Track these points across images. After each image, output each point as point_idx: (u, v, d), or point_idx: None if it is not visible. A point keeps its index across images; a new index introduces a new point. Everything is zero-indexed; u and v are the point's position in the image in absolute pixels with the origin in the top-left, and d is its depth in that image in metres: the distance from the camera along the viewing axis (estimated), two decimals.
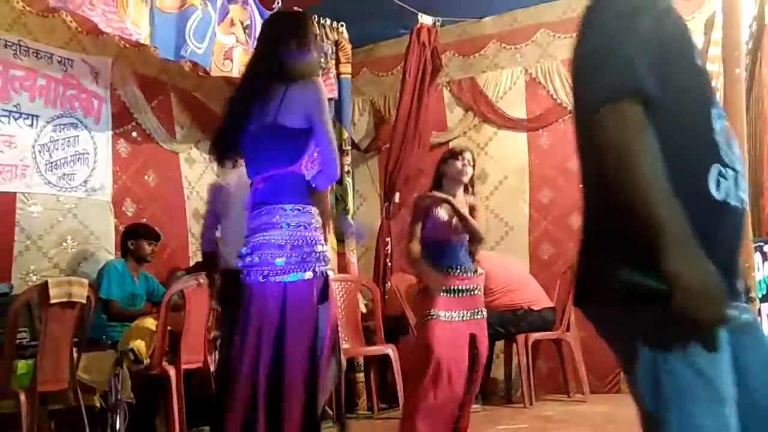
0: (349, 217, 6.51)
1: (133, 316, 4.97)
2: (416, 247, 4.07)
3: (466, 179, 4.28)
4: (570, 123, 6.30)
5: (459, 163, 4.26)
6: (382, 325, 5.82)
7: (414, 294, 4.11)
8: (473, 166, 4.27)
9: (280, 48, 3.06)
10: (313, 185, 2.98)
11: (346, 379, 5.83)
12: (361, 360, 5.92)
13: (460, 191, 4.30)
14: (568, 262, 6.01)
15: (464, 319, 3.97)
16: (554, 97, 6.50)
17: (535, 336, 5.75)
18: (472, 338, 3.97)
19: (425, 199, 4.21)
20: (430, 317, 3.90)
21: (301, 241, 2.92)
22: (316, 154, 2.96)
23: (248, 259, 2.99)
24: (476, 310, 4.03)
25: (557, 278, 6.01)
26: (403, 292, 6.25)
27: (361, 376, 5.98)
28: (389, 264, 6.55)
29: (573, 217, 6.29)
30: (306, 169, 2.96)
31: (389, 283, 6.22)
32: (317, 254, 2.95)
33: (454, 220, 4.08)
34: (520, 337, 5.73)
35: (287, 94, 2.95)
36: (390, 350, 5.66)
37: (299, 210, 2.94)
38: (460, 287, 4.01)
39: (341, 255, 6.25)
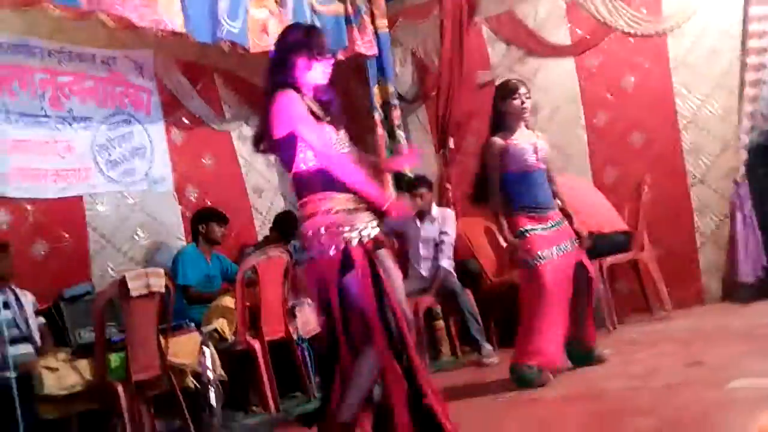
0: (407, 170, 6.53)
1: (210, 298, 5.12)
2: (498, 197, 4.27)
3: (527, 115, 4.31)
4: (617, 41, 6.20)
5: (517, 102, 4.28)
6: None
7: (517, 235, 4.20)
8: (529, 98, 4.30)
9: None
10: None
11: (429, 327, 5.92)
12: (438, 308, 5.95)
13: (523, 127, 4.31)
14: (634, 181, 5.91)
15: (566, 251, 4.25)
16: (597, 16, 6.31)
17: (609, 260, 5.68)
18: (579, 264, 4.31)
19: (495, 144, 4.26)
20: (537, 260, 4.14)
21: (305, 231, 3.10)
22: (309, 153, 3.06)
23: None
24: (572, 239, 4.32)
25: (625, 200, 5.92)
26: (470, 235, 6.26)
27: (440, 323, 6.03)
28: (452, 208, 6.54)
29: (633, 136, 6.18)
30: (306, 165, 3.06)
31: (457, 229, 6.21)
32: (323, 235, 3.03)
33: (532, 153, 4.23)
34: (594, 262, 5.67)
35: (269, 107, 3.08)
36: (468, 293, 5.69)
37: (301, 206, 3.13)
38: (551, 223, 4.26)
39: None
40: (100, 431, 4.46)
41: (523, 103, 4.32)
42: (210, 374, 4.62)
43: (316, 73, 3.13)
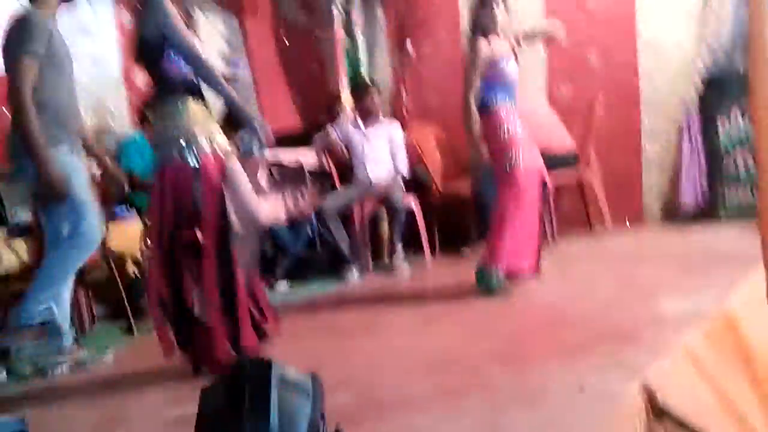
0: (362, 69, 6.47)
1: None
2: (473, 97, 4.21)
3: (503, 27, 4.26)
4: None
5: (495, 11, 4.22)
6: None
7: (501, 135, 4.19)
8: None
9: None
10: None
11: (372, 231, 5.96)
12: (384, 212, 5.98)
13: (499, 37, 4.26)
14: (588, 100, 5.93)
15: (535, 159, 4.29)
16: None
17: (555, 175, 5.73)
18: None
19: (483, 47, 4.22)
20: (515, 163, 4.16)
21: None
22: None
23: None
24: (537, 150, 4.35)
25: (577, 118, 5.94)
26: (420, 143, 6.24)
27: (384, 226, 6.07)
28: (406, 115, 6.50)
29: (590, 54, 6.14)
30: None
31: (407, 135, 6.19)
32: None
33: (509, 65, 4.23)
34: None
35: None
36: (412, 203, 5.72)
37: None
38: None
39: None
40: None
41: (497, 11, 4.29)
42: None
43: None
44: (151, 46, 3.14)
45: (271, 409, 1.60)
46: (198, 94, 3.25)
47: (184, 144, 3.12)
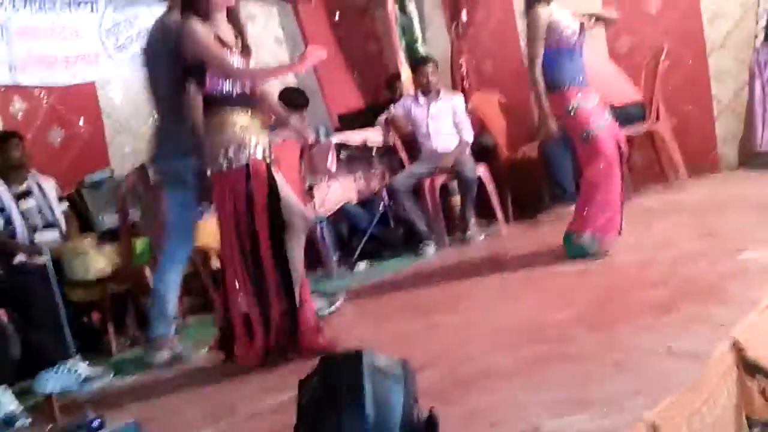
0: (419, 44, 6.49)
1: None
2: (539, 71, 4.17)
3: None
4: None
5: None
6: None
7: (569, 112, 4.16)
8: None
9: None
10: None
11: (445, 204, 5.99)
12: (454, 184, 6.00)
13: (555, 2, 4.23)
14: (650, 50, 5.81)
15: (610, 121, 4.27)
16: None
17: (624, 131, 5.64)
18: None
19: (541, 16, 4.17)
20: (595, 130, 4.13)
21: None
22: None
23: None
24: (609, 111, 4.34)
25: (640, 69, 5.83)
26: (484, 110, 6.23)
27: (456, 199, 6.08)
28: (467, 85, 6.48)
29: (650, 2, 6.01)
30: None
31: (469, 104, 6.19)
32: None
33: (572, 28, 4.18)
34: None
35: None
36: (482, 171, 5.72)
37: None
38: (595, 96, 4.23)
39: None
40: (130, 310, 4.67)
41: None
42: None
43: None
44: (193, 67, 3.32)
45: (365, 398, 1.67)
46: (244, 105, 3.38)
47: (232, 152, 3.27)
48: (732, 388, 2.30)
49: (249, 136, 3.31)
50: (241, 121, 3.33)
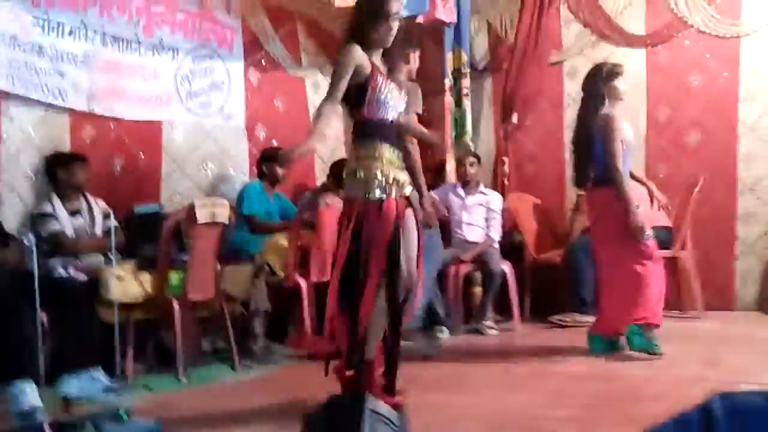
0: (467, 138, 6.79)
1: (272, 228, 5.45)
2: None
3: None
4: (690, 38, 6.25)
5: (620, 84, 4.52)
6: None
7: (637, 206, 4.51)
8: None
9: None
10: None
11: (466, 293, 6.18)
12: (477, 275, 6.19)
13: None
14: (685, 180, 6.04)
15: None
16: (675, 10, 6.36)
17: None
18: None
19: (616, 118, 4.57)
20: (649, 236, 4.51)
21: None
22: None
23: None
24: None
25: (674, 197, 6.05)
26: (518, 210, 6.48)
27: (477, 290, 6.27)
28: (506, 184, 6.76)
29: (690, 135, 6.28)
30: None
31: (506, 203, 6.43)
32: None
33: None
34: None
35: None
36: (507, 268, 5.93)
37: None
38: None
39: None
40: (151, 339, 4.89)
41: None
42: (258, 304, 4.99)
43: (383, 34, 3.40)
44: (354, 92, 3.39)
45: None
46: (393, 141, 3.45)
47: (374, 187, 3.32)
48: None
49: (390, 172, 3.35)
50: (387, 156, 3.40)
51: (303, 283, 5.19)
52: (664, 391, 3.66)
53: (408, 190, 3.46)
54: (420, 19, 6.14)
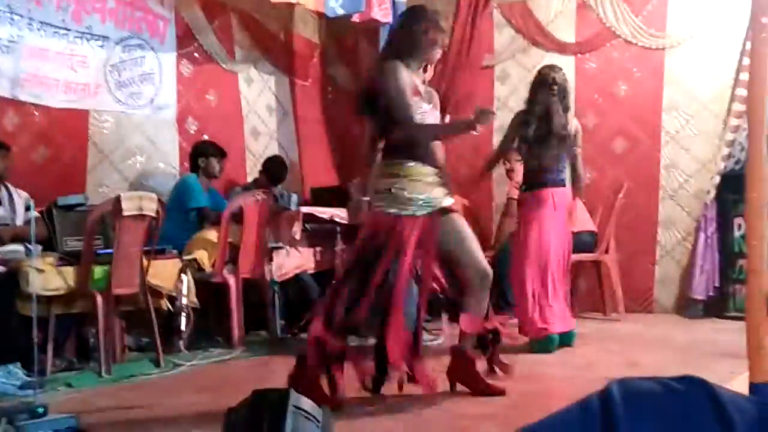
0: None
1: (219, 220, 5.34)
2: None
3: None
4: (618, 48, 6.42)
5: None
6: None
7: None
8: None
9: None
10: None
11: None
12: None
13: None
14: (610, 186, 6.20)
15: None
16: (604, 20, 6.53)
17: (575, 257, 5.97)
18: None
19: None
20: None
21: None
22: None
23: None
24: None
25: (599, 202, 6.21)
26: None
27: None
28: None
29: (616, 142, 6.45)
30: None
31: None
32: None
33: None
34: None
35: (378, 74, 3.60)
36: None
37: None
38: None
39: None
40: (71, 334, 4.77)
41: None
42: (184, 300, 4.92)
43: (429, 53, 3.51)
44: (385, 110, 3.40)
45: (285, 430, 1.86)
46: (421, 158, 3.44)
47: (400, 204, 3.37)
48: None
49: (418, 192, 3.39)
50: (415, 172, 3.40)
51: (231, 279, 5.15)
52: (586, 390, 3.70)
53: (446, 202, 3.49)
54: (356, 18, 6.15)
